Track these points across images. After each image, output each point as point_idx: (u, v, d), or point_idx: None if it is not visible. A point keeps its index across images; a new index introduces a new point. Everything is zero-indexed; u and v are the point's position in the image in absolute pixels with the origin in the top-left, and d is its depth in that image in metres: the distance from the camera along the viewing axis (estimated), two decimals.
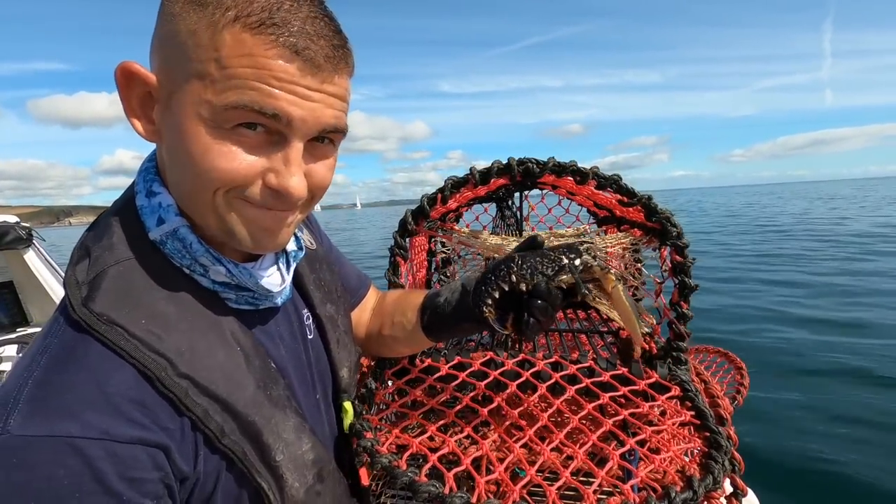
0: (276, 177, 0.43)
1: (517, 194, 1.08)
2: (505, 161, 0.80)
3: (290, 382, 0.54)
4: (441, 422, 0.64)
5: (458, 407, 0.67)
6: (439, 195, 0.83)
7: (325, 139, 0.45)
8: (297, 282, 0.61)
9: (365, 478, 0.60)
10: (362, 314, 0.79)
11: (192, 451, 0.43)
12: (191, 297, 0.46)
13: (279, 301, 0.54)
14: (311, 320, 0.61)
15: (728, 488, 0.60)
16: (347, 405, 0.64)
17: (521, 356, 0.77)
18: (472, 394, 0.69)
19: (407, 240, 0.88)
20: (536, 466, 0.57)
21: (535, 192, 1.07)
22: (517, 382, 0.70)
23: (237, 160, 0.41)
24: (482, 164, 0.81)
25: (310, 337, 0.60)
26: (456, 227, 1.08)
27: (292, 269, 0.56)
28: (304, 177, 0.44)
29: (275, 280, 0.52)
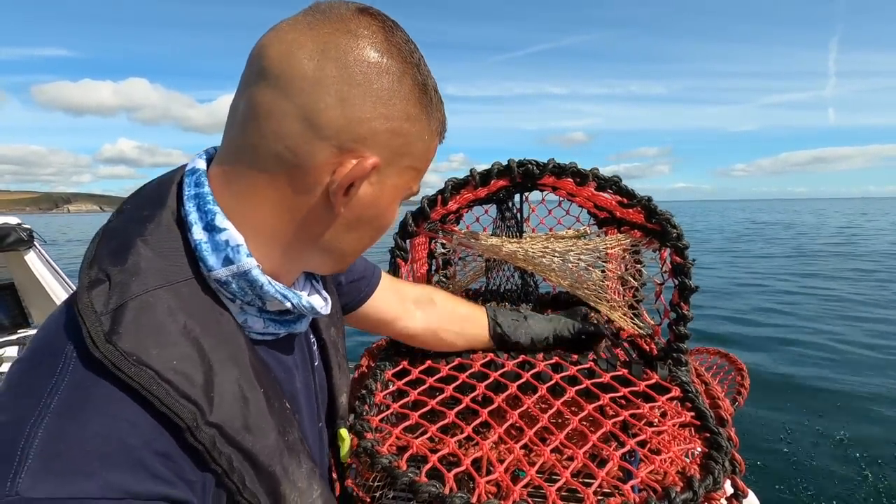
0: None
1: (517, 196, 1.08)
2: (505, 163, 0.80)
3: (302, 417, 0.52)
4: (441, 423, 0.64)
5: (459, 408, 0.67)
6: (439, 197, 0.84)
7: None
8: None
9: None
10: (395, 301, 0.76)
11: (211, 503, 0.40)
12: (220, 331, 0.41)
13: (304, 328, 0.52)
14: (316, 345, 0.60)
15: (728, 489, 0.60)
16: (344, 433, 0.62)
17: (521, 357, 0.77)
18: (472, 395, 0.69)
19: (407, 241, 0.89)
20: (536, 467, 0.57)
21: (536, 193, 1.07)
22: (517, 383, 0.71)
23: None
24: (483, 167, 0.81)
25: (315, 363, 0.59)
26: (456, 229, 1.08)
27: (322, 290, 0.55)
28: None
29: (317, 301, 0.50)
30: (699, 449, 0.61)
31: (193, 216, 0.42)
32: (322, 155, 0.40)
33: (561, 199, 1.08)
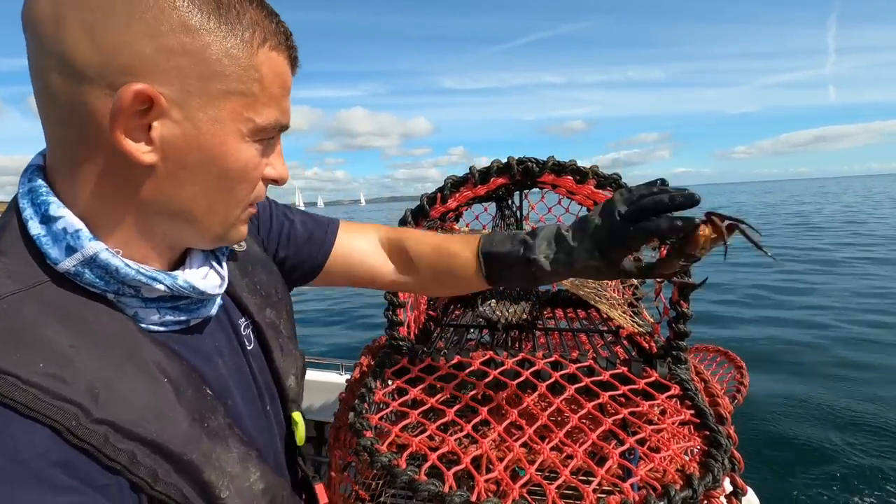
0: (275, 169, 0.46)
1: (517, 193, 1.08)
2: (504, 160, 0.80)
3: (235, 402, 0.50)
4: (441, 421, 0.64)
5: (458, 406, 0.67)
6: (439, 195, 0.83)
7: None
8: (229, 290, 0.54)
9: (322, 494, 0.58)
10: (363, 250, 0.70)
11: None
12: (102, 328, 0.39)
13: (213, 311, 0.48)
14: (249, 329, 0.56)
15: (728, 487, 0.60)
16: (297, 416, 0.60)
17: (520, 355, 0.77)
18: (471, 393, 0.69)
19: None
20: (536, 465, 0.57)
21: (535, 191, 1.07)
22: (517, 381, 0.71)
23: (261, 169, 0.44)
24: (483, 161, 0.81)
25: (249, 347, 0.55)
26: (456, 227, 1.08)
27: (225, 265, 0.51)
28: None
29: (213, 281, 0.47)
30: (698, 447, 0.61)
31: (28, 212, 0.38)
32: (96, 102, 0.35)
33: (560, 196, 1.08)
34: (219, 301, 0.50)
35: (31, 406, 0.33)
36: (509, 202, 1.09)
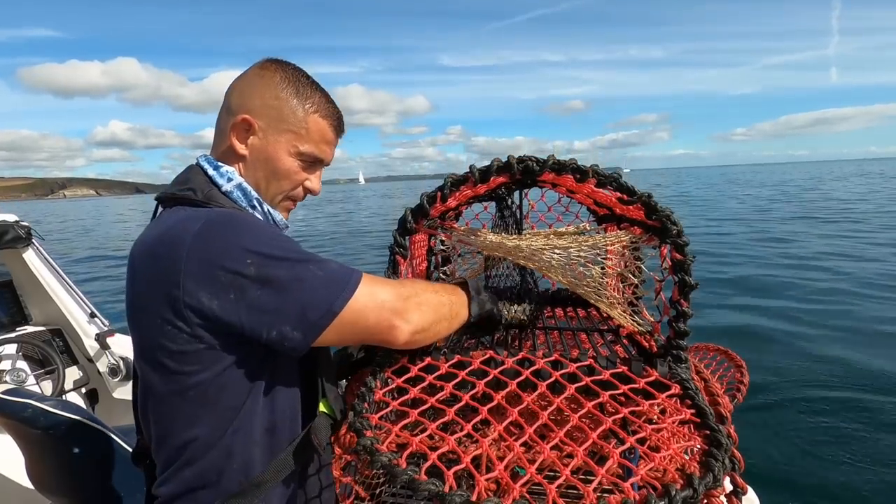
0: (312, 183, 0.86)
1: (517, 192, 1.08)
2: (504, 159, 0.80)
3: None
4: (441, 420, 0.64)
5: (458, 405, 0.67)
6: (439, 193, 0.83)
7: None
8: None
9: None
10: None
11: None
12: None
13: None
14: None
15: (728, 486, 0.60)
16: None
17: (520, 355, 0.77)
18: (471, 392, 0.69)
19: (407, 238, 0.88)
20: (536, 465, 0.57)
21: (536, 190, 1.07)
22: (517, 381, 0.71)
23: (300, 177, 0.84)
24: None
25: None
26: (455, 226, 1.08)
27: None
28: None
29: (282, 220, 0.86)
30: (699, 446, 0.61)
31: (206, 166, 0.80)
32: (231, 122, 0.79)
33: (560, 195, 1.08)
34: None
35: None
36: (509, 201, 1.09)
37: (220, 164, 0.79)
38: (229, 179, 0.77)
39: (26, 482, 1.44)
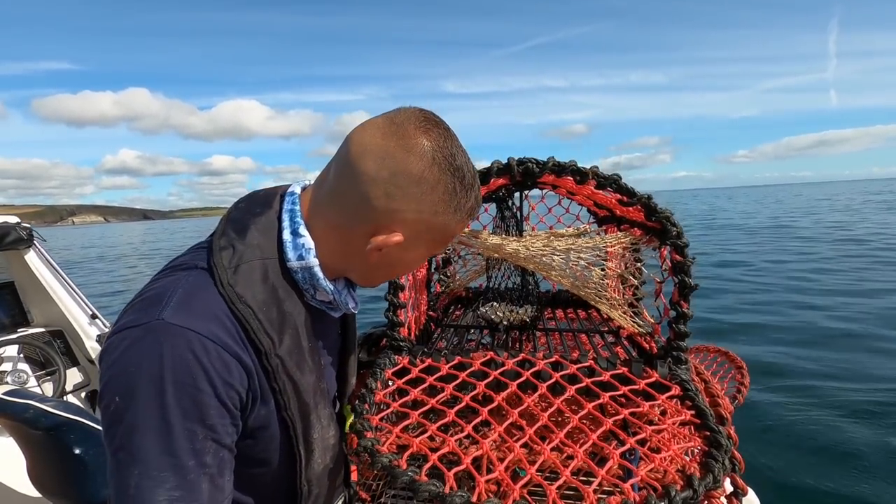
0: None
1: (517, 194, 1.08)
2: (505, 161, 0.80)
3: (331, 378, 0.72)
4: (441, 421, 0.64)
5: (459, 407, 0.67)
6: None
7: None
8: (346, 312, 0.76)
9: (354, 473, 0.72)
10: None
11: (260, 404, 0.57)
12: (290, 296, 0.60)
13: (338, 315, 0.71)
14: (342, 336, 0.77)
15: (728, 487, 0.60)
16: (347, 409, 0.74)
17: (521, 356, 0.77)
18: (472, 393, 0.69)
19: None
20: (537, 466, 0.57)
21: (536, 191, 1.07)
22: (517, 382, 0.71)
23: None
24: (483, 165, 0.81)
25: (338, 346, 0.76)
26: None
27: (356, 296, 0.74)
28: None
29: (350, 302, 0.70)
30: (699, 447, 0.61)
31: (286, 223, 0.62)
32: (369, 224, 0.59)
33: (561, 197, 1.08)
34: (341, 311, 0.71)
35: (255, 331, 0.56)
36: (510, 203, 1.09)
37: (302, 230, 0.61)
38: (301, 258, 0.60)
39: (27, 483, 1.44)
